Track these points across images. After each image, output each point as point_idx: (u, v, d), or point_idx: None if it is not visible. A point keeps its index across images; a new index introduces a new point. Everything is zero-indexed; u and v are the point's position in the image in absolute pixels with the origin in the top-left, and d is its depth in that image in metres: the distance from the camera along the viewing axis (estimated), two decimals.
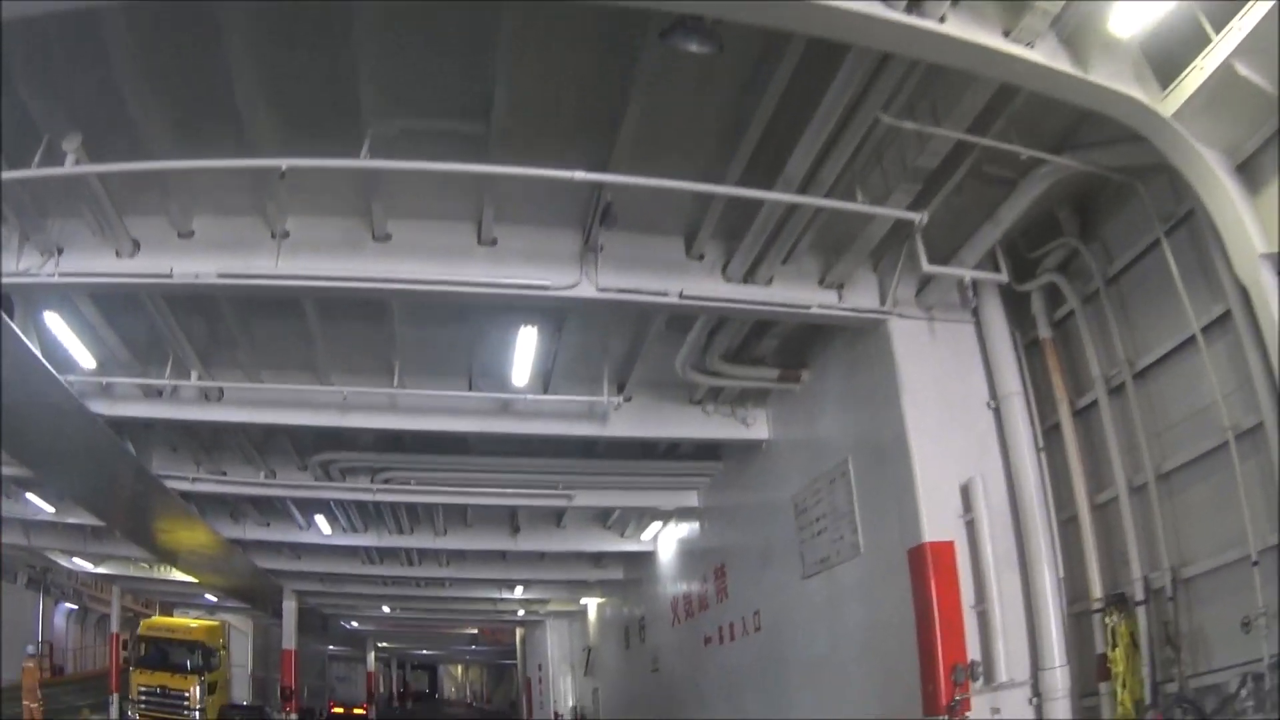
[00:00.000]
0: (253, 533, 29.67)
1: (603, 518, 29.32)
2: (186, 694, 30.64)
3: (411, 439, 21.67)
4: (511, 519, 28.91)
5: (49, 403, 16.90)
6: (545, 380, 18.47)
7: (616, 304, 14.58)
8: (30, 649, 31.19)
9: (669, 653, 28.32)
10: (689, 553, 26.10)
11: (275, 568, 35.10)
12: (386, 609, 49.76)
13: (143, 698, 30.98)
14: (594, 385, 18.26)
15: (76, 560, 38.42)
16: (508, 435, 19.56)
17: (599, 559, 33.92)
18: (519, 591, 40.69)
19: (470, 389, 18.69)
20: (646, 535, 29.13)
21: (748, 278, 14.45)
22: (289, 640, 41.19)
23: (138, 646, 32.63)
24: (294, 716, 40.57)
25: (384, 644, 76.73)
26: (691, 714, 25.28)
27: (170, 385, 18.38)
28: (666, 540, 28.38)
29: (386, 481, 23.04)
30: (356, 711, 66.63)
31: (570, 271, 13.81)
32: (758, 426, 19.60)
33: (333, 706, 64.26)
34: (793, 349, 17.56)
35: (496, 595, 42.07)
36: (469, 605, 47.20)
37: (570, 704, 45.49)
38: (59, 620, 51.55)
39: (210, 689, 31.13)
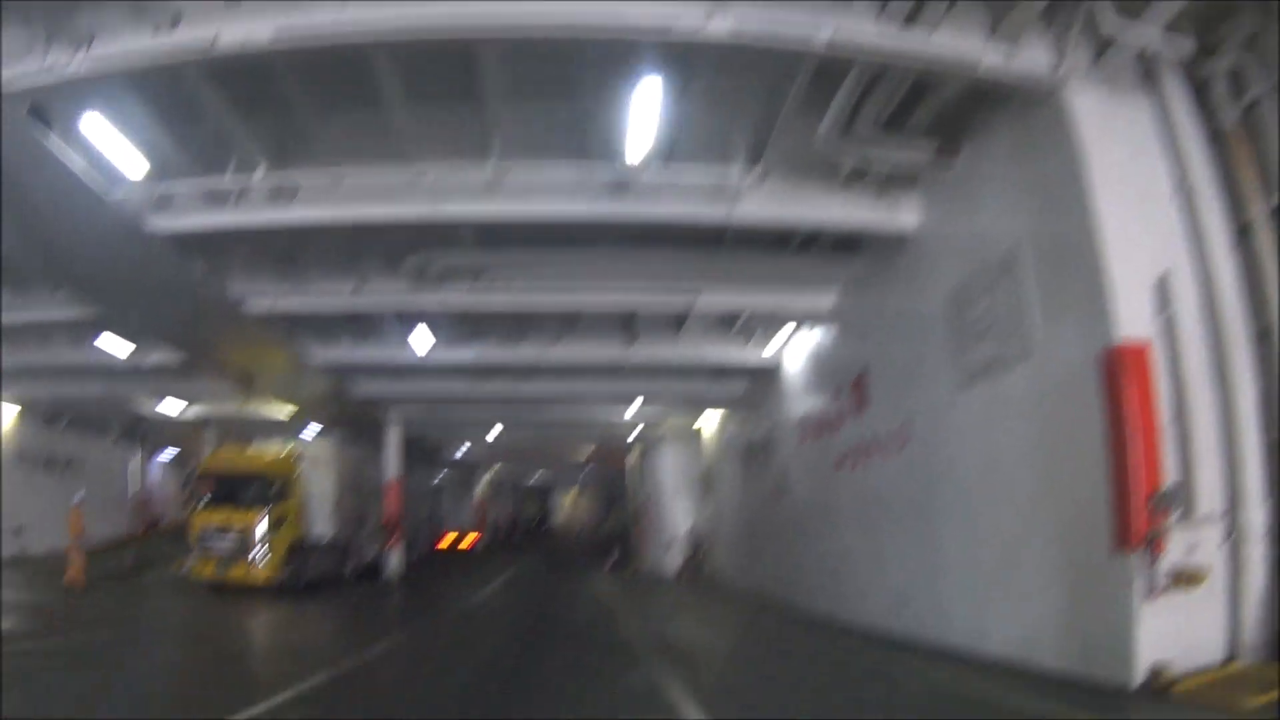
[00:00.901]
0: (348, 354, 27.82)
1: (726, 325, 27.00)
2: (249, 529, 28.25)
3: (515, 233, 19.45)
4: (627, 326, 26.47)
5: (101, 224, 15.22)
6: (667, 157, 16.09)
7: (753, 52, 12.62)
8: (77, 496, 29.53)
9: (795, 475, 26.18)
10: (821, 363, 23.83)
11: (376, 393, 33.54)
12: (496, 430, 47.86)
13: (205, 539, 28.50)
14: (722, 162, 16.20)
15: (167, 403, 37.78)
16: (625, 220, 17.16)
17: (720, 374, 31.57)
18: (635, 406, 38.27)
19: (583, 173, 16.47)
20: (772, 347, 26.93)
21: (909, 19, 12.14)
22: (393, 471, 40.02)
23: (197, 485, 30.14)
24: (394, 551, 39.17)
25: (494, 471, 76.58)
26: (819, 542, 23.42)
27: (237, 189, 16.62)
28: (795, 351, 26.17)
29: (489, 283, 20.86)
30: (464, 544, 66.85)
31: (698, 8, 11.73)
32: (907, 214, 17.17)
33: (444, 535, 64.00)
34: (949, 124, 15.17)
35: (610, 413, 39.98)
36: (582, 427, 45.70)
37: (685, 529, 43.90)
38: (155, 470, 51.97)
39: (277, 524, 28.80)
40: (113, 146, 14.70)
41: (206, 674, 14.95)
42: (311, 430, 42.38)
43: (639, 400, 37.33)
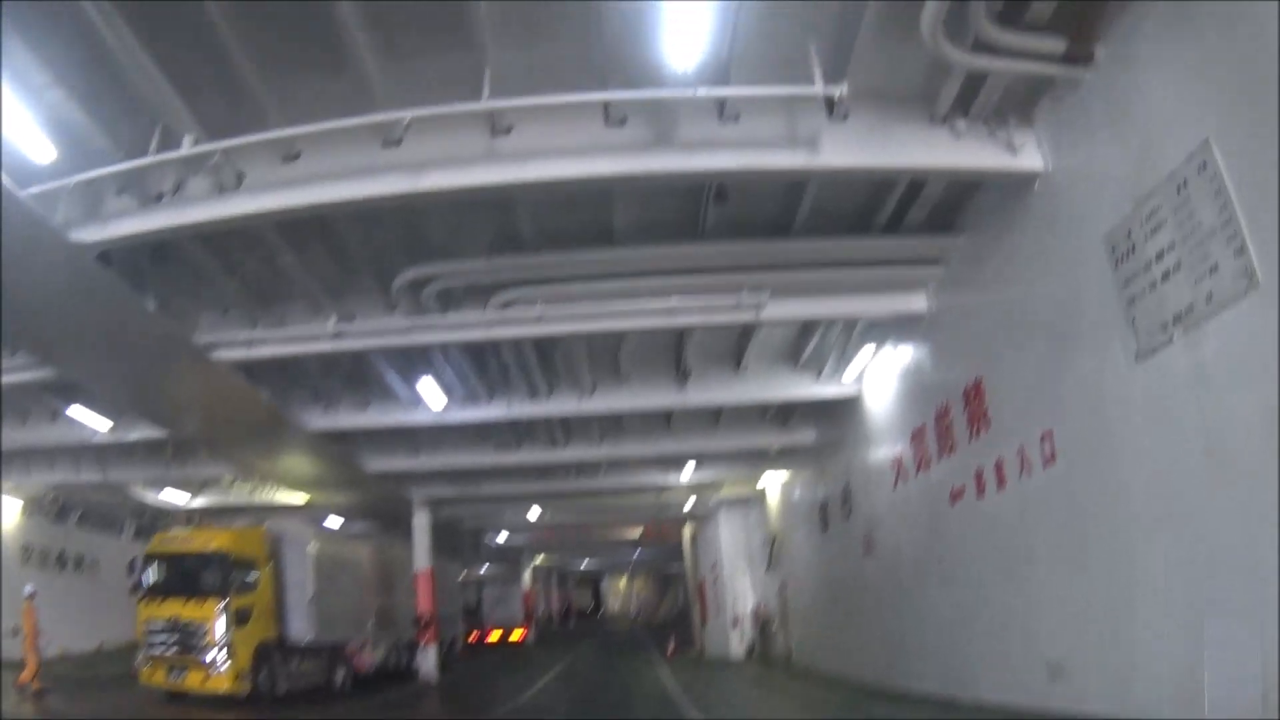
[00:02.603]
0: (348, 418, 23.74)
1: (792, 355, 23.06)
2: (204, 626, 23.07)
3: (532, 235, 15.79)
4: (677, 360, 22.52)
5: (16, 242, 12.19)
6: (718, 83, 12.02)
7: None
8: (28, 589, 25.18)
9: (889, 525, 21.92)
10: (916, 381, 19.67)
11: (392, 468, 29.45)
12: (536, 512, 44.45)
13: (152, 637, 23.42)
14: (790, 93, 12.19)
15: (168, 492, 33.65)
16: (671, 177, 12.98)
17: (786, 416, 27.91)
18: (688, 471, 34.47)
19: (607, 119, 12.34)
20: (850, 374, 22.78)
21: None
22: (422, 559, 36.22)
23: (144, 569, 24.73)
24: (431, 647, 35.00)
25: (540, 559, 73.36)
26: (926, 604, 19.29)
27: (173, 181, 13.00)
28: (878, 376, 22.03)
29: (505, 307, 16.87)
30: (514, 635, 63.48)
31: None
32: (1028, 152, 13.16)
33: (490, 631, 61.96)
34: (1079, 10, 11.31)
35: (661, 480, 35.86)
36: (629, 498, 41.56)
37: (750, 606, 40.23)
38: None
39: (241, 618, 23.66)
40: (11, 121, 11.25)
41: None
42: (334, 520, 38.39)
43: (691, 464, 33.70)
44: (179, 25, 10.99)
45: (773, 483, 36.59)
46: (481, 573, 65.62)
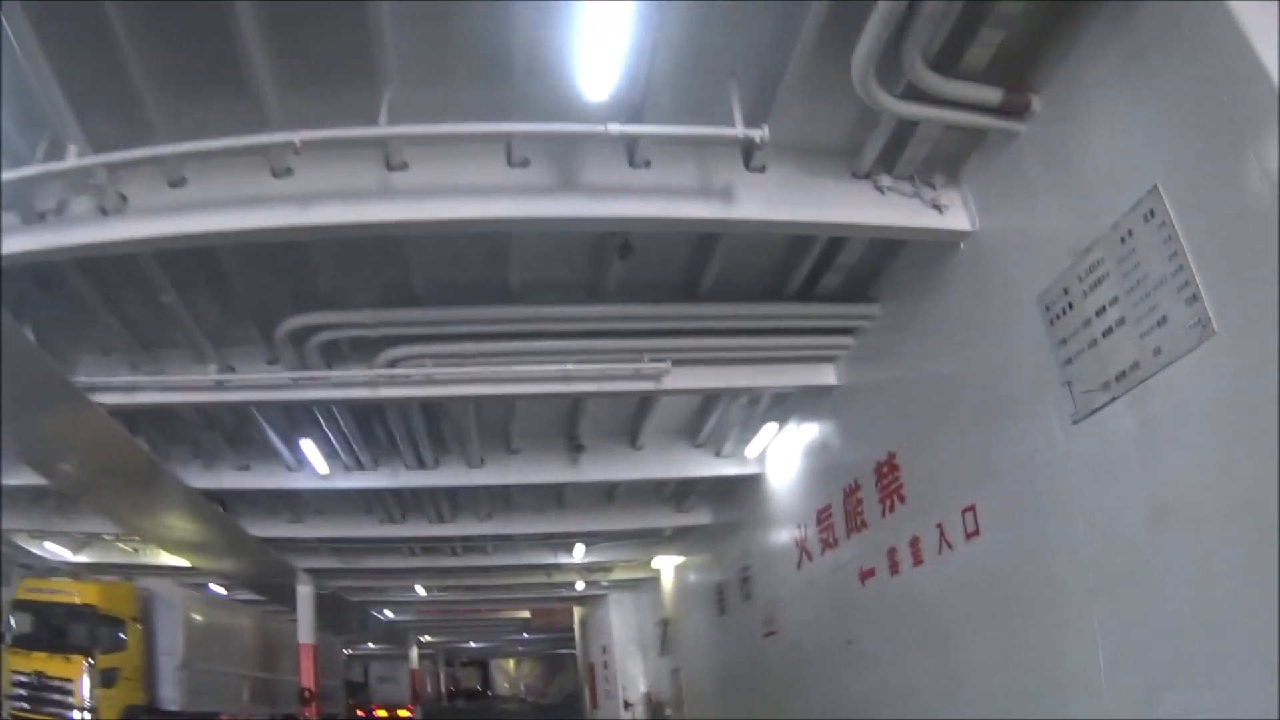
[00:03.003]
0: (229, 478, 22.19)
1: (691, 431, 22.15)
2: (70, 685, 21.48)
3: (425, 288, 14.75)
4: (570, 434, 21.49)
5: None
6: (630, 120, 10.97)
7: None
8: None
9: (793, 607, 20.96)
10: (823, 458, 18.85)
11: (275, 535, 27.82)
12: (421, 590, 42.98)
13: (16, 689, 21.69)
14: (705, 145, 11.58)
15: (48, 546, 31.34)
16: (575, 222, 11.99)
17: (683, 496, 27.09)
18: (579, 553, 33.41)
19: (509, 159, 11.35)
20: (752, 450, 22.00)
21: None
22: (305, 632, 34.20)
23: (9, 617, 23.16)
24: None
25: (428, 638, 72.02)
26: (837, 686, 18.22)
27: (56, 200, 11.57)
28: (781, 454, 21.23)
29: (392, 365, 15.73)
30: (401, 713, 62.84)
31: None
32: (955, 212, 12.39)
33: (375, 709, 61.40)
34: (1016, 59, 10.60)
35: (551, 559, 34.62)
36: (518, 577, 40.02)
37: (642, 690, 39.71)
38: None
39: (108, 680, 22.19)
40: None
41: None
42: (217, 589, 36.93)
43: (581, 547, 32.83)
44: (75, 27, 9.83)
45: (666, 565, 35.54)
46: (369, 649, 64.91)
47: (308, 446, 20.19)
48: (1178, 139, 8.74)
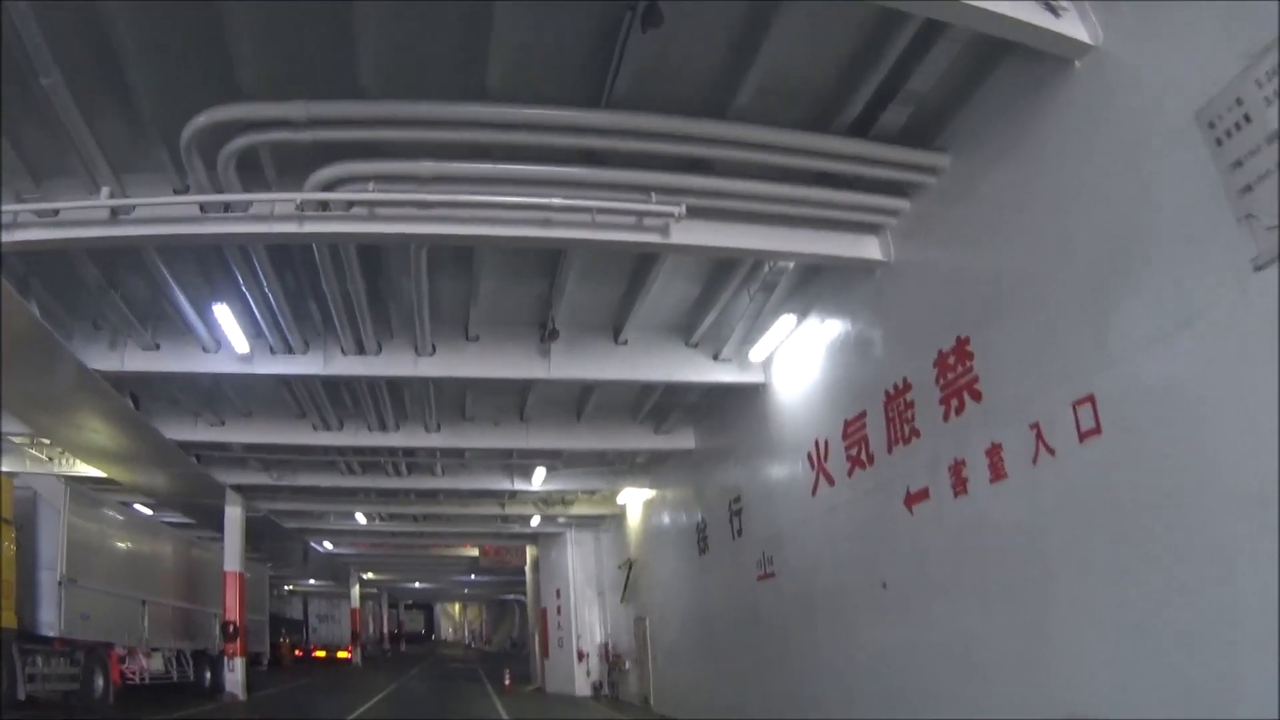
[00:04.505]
0: (137, 360, 18.27)
1: (684, 329, 18.70)
2: None
3: (376, 80, 11.07)
4: (541, 322, 17.81)
5: None
6: None
7: None
8: None
9: (800, 543, 17.45)
10: (860, 354, 15.17)
11: (195, 440, 24.31)
12: (361, 518, 39.44)
13: None
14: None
15: None
16: None
17: (662, 416, 23.91)
18: (538, 478, 29.70)
19: None
20: (759, 351, 18.42)
21: None
22: (233, 560, 31.21)
23: None
24: (238, 660, 30.33)
25: (370, 575, 69.87)
26: (857, 639, 14.98)
27: None
28: (795, 355, 17.71)
29: (329, 188, 11.99)
30: (340, 655, 61.93)
31: None
32: (1071, 21, 9.64)
33: (315, 648, 60.74)
34: None
35: (507, 485, 30.94)
36: (469, 506, 36.41)
37: (598, 640, 37.36)
38: None
39: None
40: None
41: None
42: (145, 508, 33.51)
43: (541, 471, 29.21)
44: None
45: (634, 500, 32.25)
46: (309, 584, 63.27)
47: (222, 314, 16.32)
48: None
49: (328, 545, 49.23)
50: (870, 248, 13.90)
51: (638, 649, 31.69)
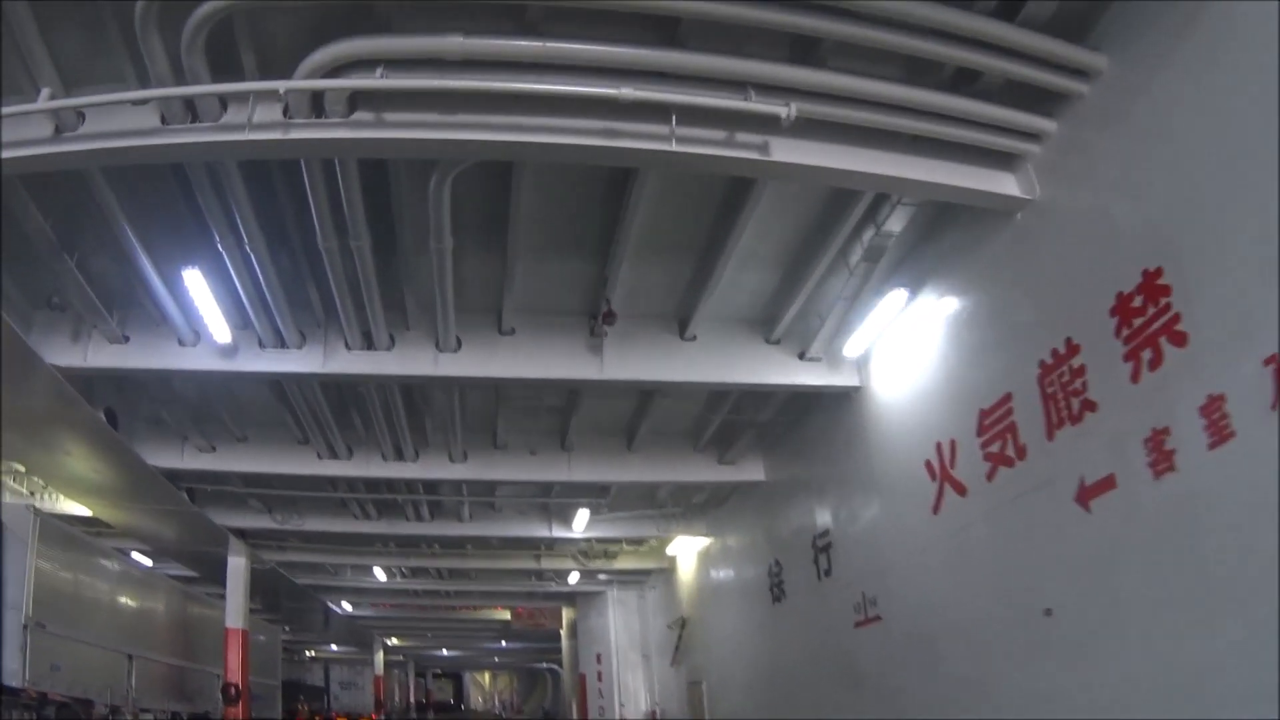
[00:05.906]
0: (103, 355, 15.20)
1: (764, 323, 15.87)
2: None
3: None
4: (594, 312, 14.84)
5: None
6: None
7: None
8: None
9: (913, 576, 14.41)
10: (998, 323, 12.26)
11: (181, 469, 20.83)
12: (380, 573, 36.59)
13: None
14: None
15: None
16: None
17: (726, 444, 20.85)
18: (580, 522, 26.48)
19: None
20: (855, 345, 15.43)
21: None
22: (235, 615, 27.65)
23: None
24: None
25: (395, 641, 66.50)
26: (1003, 689, 11.80)
27: None
28: (900, 347, 14.76)
29: (331, 75, 9.29)
30: None
31: None
32: None
33: (336, 716, 57.24)
34: None
35: (544, 532, 27.77)
36: (500, 561, 33.83)
37: (645, 708, 35.30)
38: None
39: None
40: None
41: None
42: (143, 558, 30.29)
43: (585, 513, 26.06)
44: None
45: (686, 550, 29.53)
46: (331, 650, 61.21)
47: (196, 285, 13.16)
48: None
49: (346, 606, 46.45)
50: (1008, 184, 11.33)
51: (692, 714, 29.18)
